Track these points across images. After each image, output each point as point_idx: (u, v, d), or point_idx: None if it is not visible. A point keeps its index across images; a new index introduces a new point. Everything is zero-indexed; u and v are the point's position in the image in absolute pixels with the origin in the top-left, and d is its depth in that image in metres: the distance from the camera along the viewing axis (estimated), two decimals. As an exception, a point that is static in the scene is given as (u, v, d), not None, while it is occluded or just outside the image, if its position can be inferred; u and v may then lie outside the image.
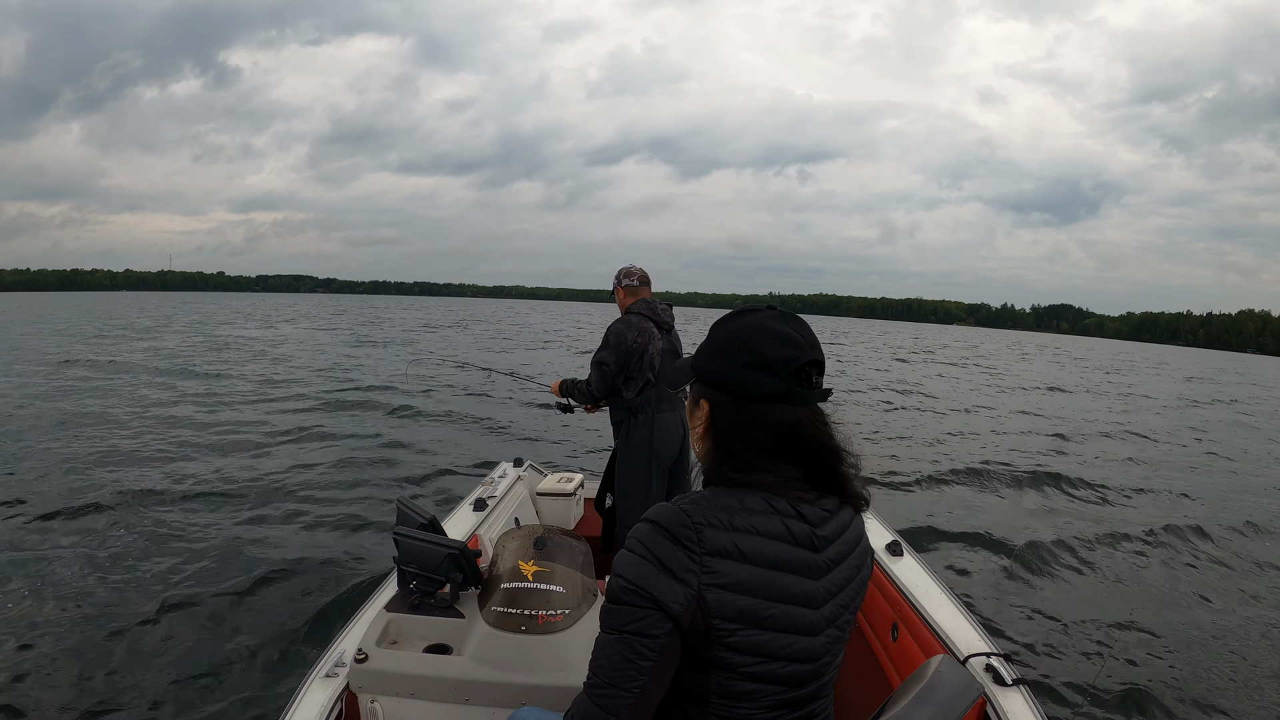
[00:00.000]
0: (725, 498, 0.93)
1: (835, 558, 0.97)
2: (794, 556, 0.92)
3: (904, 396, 15.12)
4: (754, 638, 0.90)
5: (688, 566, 0.88)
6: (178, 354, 17.58)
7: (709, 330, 1.02)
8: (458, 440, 8.17)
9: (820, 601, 0.94)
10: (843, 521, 0.99)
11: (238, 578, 3.95)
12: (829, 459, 0.97)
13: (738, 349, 0.96)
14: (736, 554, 0.89)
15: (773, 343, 0.94)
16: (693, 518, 0.90)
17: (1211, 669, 3.54)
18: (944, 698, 1.01)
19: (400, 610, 1.76)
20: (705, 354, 1.00)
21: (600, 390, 2.91)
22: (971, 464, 8.26)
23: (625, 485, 2.94)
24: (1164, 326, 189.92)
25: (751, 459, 0.95)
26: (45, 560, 4.11)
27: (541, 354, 21.29)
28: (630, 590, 0.88)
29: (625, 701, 0.88)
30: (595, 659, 0.91)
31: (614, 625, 0.90)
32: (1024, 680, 1.66)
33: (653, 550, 0.89)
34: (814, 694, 0.97)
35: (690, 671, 0.91)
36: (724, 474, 0.96)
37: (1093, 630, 3.88)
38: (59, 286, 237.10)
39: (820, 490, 0.97)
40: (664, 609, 0.87)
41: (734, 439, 0.95)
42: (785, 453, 0.95)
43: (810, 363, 0.95)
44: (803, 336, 0.96)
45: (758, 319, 0.97)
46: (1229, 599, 4.50)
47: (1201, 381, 28.90)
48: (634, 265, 3.06)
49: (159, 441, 7.46)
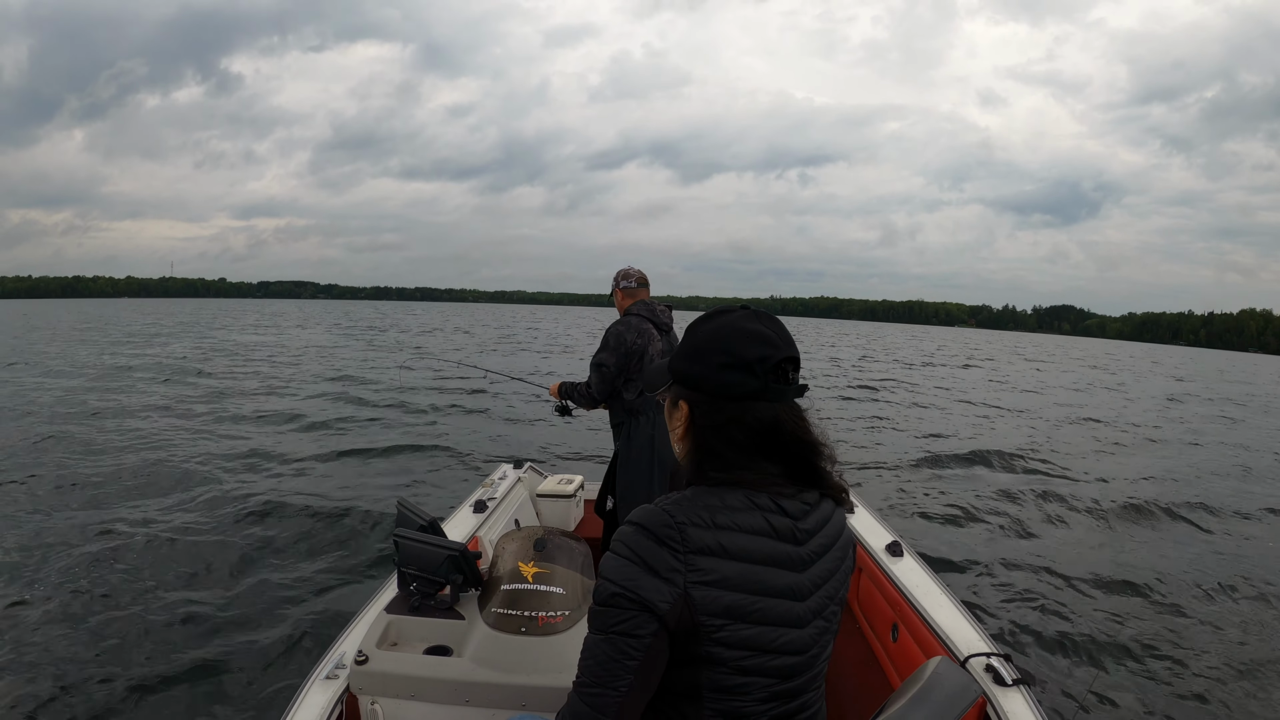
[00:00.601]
0: (707, 496, 0.94)
1: (818, 550, 0.98)
2: (777, 551, 0.94)
3: (905, 396, 15.11)
4: (742, 632, 0.91)
5: (673, 566, 0.90)
6: (180, 356, 17.61)
7: (684, 332, 1.03)
8: (458, 442, 8.18)
9: (806, 594, 0.96)
10: (824, 514, 1.00)
11: (237, 579, 3.95)
12: (808, 453, 0.99)
13: (714, 350, 0.97)
14: (720, 551, 0.91)
15: (748, 342, 0.96)
16: (675, 517, 0.91)
17: (1212, 668, 3.53)
18: (944, 698, 1.01)
19: (400, 612, 1.76)
20: (682, 356, 1.01)
21: (600, 392, 2.90)
22: (971, 463, 8.26)
23: (627, 488, 2.90)
24: (1165, 327, 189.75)
25: (732, 457, 0.96)
26: (45, 560, 4.12)
27: (561, 360, 21.22)
28: (617, 592, 0.90)
29: (613, 700, 0.90)
30: (584, 659, 0.93)
31: (601, 626, 0.91)
32: (1024, 680, 1.66)
33: (637, 552, 0.91)
34: (805, 685, 0.98)
35: (681, 668, 0.93)
36: (705, 473, 0.97)
37: (1093, 630, 3.87)
38: (60, 294, 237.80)
39: (800, 485, 0.99)
40: (650, 609, 0.89)
41: (714, 438, 0.97)
42: (764, 449, 0.96)
43: (786, 359, 0.97)
44: (777, 334, 0.98)
45: (731, 319, 0.99)
46: (1229, 598, 4.49)
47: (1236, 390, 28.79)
48: (632, 267, 3.03)
49: (159, 441, 7.47)
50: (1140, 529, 5.94)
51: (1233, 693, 3.31)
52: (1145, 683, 3.34)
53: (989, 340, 77.96)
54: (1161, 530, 5.98)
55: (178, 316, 43.43)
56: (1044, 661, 3.49)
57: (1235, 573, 5.02)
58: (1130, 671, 3.45)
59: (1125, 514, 6.41)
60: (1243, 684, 3.40)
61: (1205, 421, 14.49)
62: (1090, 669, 3.44)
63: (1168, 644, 3.77)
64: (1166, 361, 50.18)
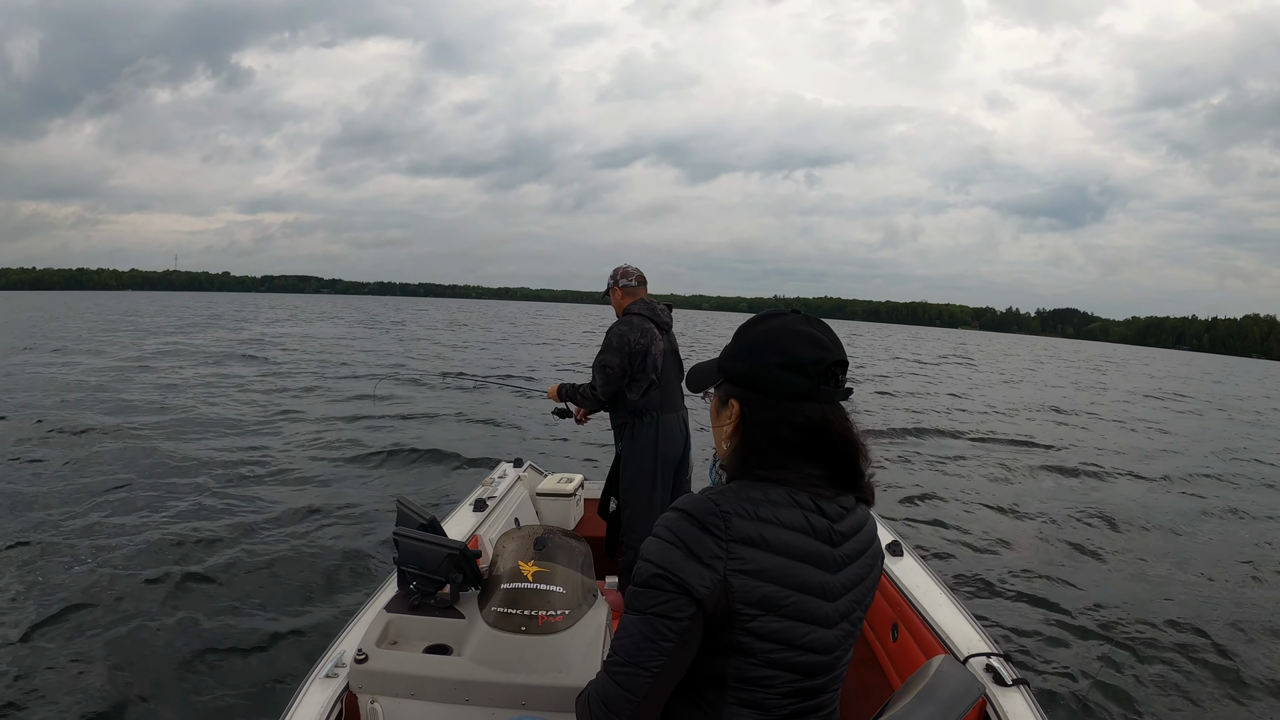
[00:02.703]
0: (751, 490, 0.97)
1: (851, 554, 1.01)
2: (814, 549, 0.97)
3: (907, 398, 15.10)
4: (773, 624, 0.94)
5: (714, 552, 0.92)
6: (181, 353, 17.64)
7: (735, 333, 1.06)
8: (458, 441, 8.18)
9: (836, 594, 0.98)
10: (858, 519, 1.03)
11: (237, 578, 3.96)
12: (853, 453, 1.01)
13: (770, 350, 1.00)
14: (761, 542, 0.94)
15: (803, 344, 0.99)
16: (721, 506, 0.94)
17: (1213, 667, 3.52)
18: (944, 698, 1.01)
19: (400, 611, 1.76)
20: (734, 356, 1.04)
21: (605, 393, 2.86)
22: (971, 463, 8.25)
23: (630, 488, 2.88)
24: (1169, 331, 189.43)
25: (777, 456, 0.99)
26: (43, 560, 4.12)
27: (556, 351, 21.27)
28: (658, 574, 0.93)
29: (644, 680, 0.93)
30: (618, 638, 0.96)
31: (639, 606, 0.94)
32: (1024, 680, 1.66)
33: (681, 536, 0.94)
34: (825, 685, 1.01)
35: (711, 655, 0.95)
36: (749, 470, 1.00)
37: (1093, 629, 3.87)
38: (64, 286, 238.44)
39: (839, 488, 1.01)
40: (690, 592, 0.91)
41: (763, 436, 1.00)
42: (810, 450, 0.99)
43: (836, 362, 1.00)
44: (828, 338, 1.01)
45: (785, 322, 1.02)
46: (1230, 597, 4.48)
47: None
48: (630, 265, 3.00)
49: (157, 442, 7.48)
50: (1140, 529, 5.93)
51: (1233, 692, 3.31)
52: (1145, 682, 3.34)
53: (990, 341, 77.92)
54: (1162, 530, 5.97)
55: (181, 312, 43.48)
56: (1044, 661, 3.49)
57: (1236, 572, 5.02)
58: (1130, 671, 3.44)
59: (1126, 514, 6.40)
60: (1244, 683, 3.40)
61: (1221, 427, 14.40)
62: (1090, 669, 3.43)
63: (1168, 643, 3.76)
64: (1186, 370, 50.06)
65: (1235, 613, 4.24)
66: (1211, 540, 5.88)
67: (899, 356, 29.36)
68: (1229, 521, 6.57)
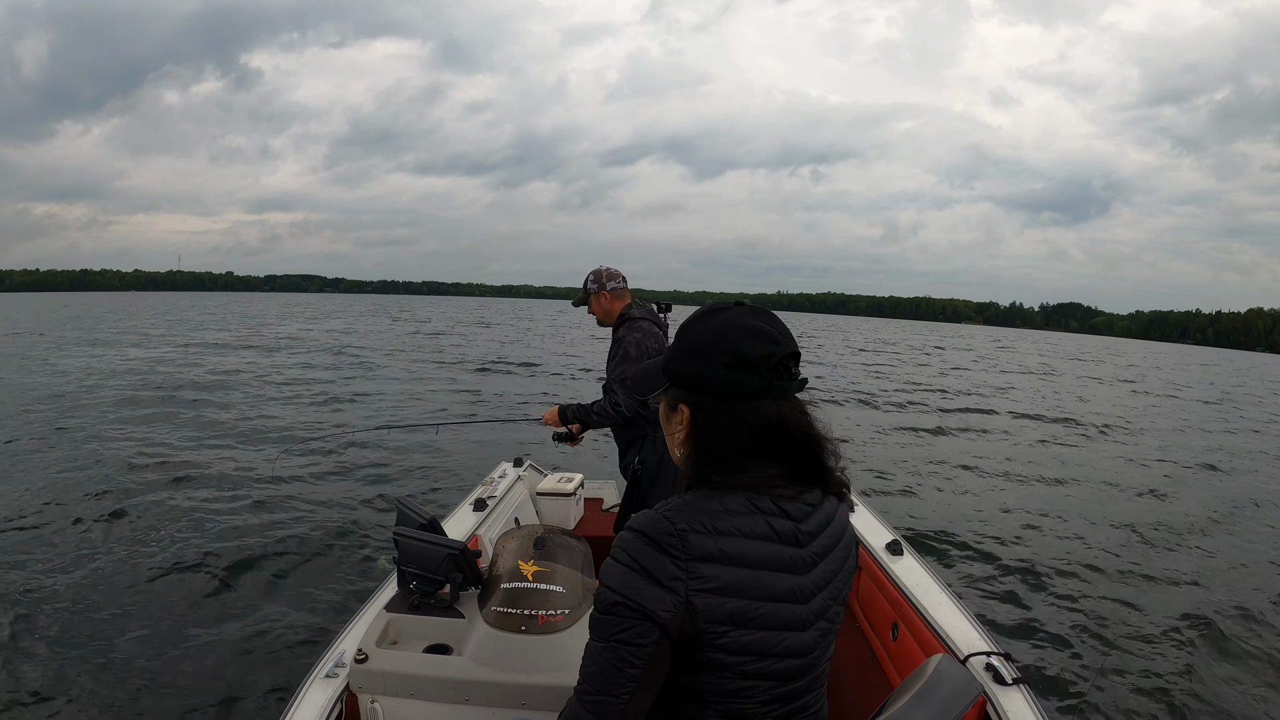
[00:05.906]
0: (708, 501, 0.92)
1: (820, 552, 0.96)
2: (780, 554, 0.92)
3: (907, 395, 15.07)
4: (744, 638, 0.90)
5: (674, 574, 0.88)
6: (182, 354, 17.68)
7: (677, 332, 1.00)
8: (458, 441, 8.17)
9: (808, 596, 0.94)
10: (826, 514, 0.98)
11: (237, 578, 3.97)
12: (814, 448, 0.96)
13: (716, 349, 0.94)
14: (722, 557, 0.89)
15: (751, 339, 0.93)
16: (676, 524, 0.89)
17: (1214, 667, 3.51)
18: (944, 696, 1.00)
19: (400, 610, 1.76)
20: (679, 357, 0.98)
21: (632, 408, 2.68)
22: (971, 464, 8.23)
23: (661, 499, 2.77)
24: (1173, 325, 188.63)
25: (734, 460, 0.94)
26: (43, 559, 4.15)
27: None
28: (618, 601, 0.88)
29: (615, 707, 0.89)
30: (585, 665, 0.92)
31: (602, 634, 0.90)
32: (1024, 679, 1.65)
33: (638, 559, 0.89)
34: (807, 686, 0.98)
35: (684, 673, 0.92)
36: (706, 478, 0.95)
37: (1094, 629, 3.86)
38: (68, 287, 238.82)
39: (802, 484, 0.97)
40: (652, 618, 0.87)
41: (717, 441, 0.94)
42: (768, 450, 0.94)
43: (788, 355, 0.94)
44: (778, 330, 0.95)
45: (730, 316, 0.96)
46: (1230, 597, 4.47)
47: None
48: (611, 267, 2.81)
49: (156, 442, 7.50)
50: (1139, 528, 5.90)
51: (1234, 691, 3.30)
52: (1146, 681, 3.33)
53: (993, 336, 77.66)
54: (1163, 530, 5.95)
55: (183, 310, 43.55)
56: (1044, 660, 3.48)
57: (1238, 573, 5.00)
58: (1131, 670, 3.43)
59: (1126, 514, 6.38)
60: (1244, 683, 3.39)
61: (1231, 426, 14.33)
62: (1090, 668, 3.42)
63: (1168, 643, 3.75)
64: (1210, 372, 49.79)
65: (1236, 612, 4.23)
66: (1212, 540, 5.85)
67: (898, 356, 29.12)
68: (1237, 521, 6.52)
